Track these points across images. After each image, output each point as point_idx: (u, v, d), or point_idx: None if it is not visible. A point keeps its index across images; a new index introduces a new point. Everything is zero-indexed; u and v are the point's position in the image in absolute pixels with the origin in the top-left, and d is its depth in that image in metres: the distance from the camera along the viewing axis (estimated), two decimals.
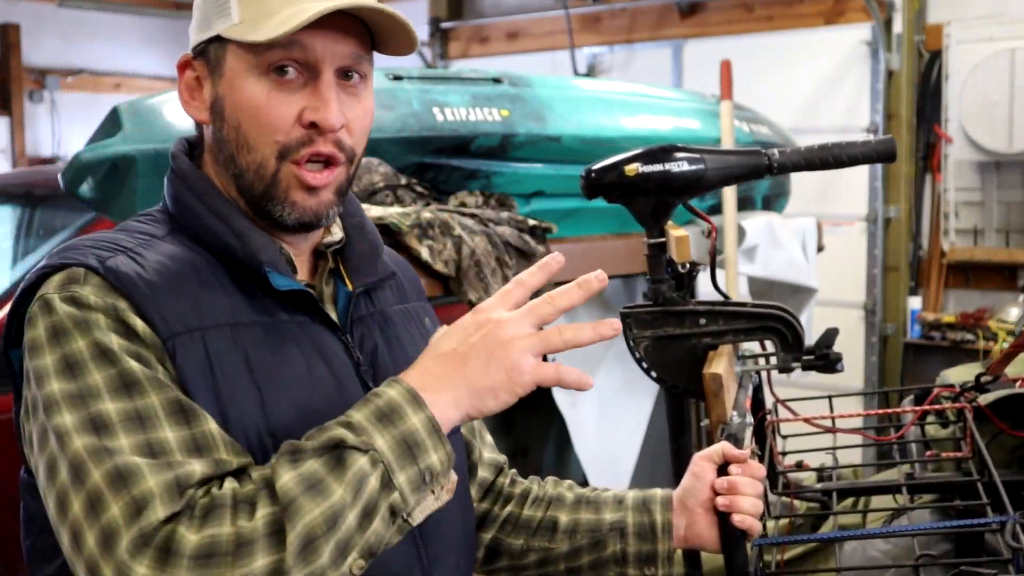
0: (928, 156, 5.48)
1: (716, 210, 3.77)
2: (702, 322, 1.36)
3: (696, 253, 1.70)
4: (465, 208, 2.85)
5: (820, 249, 4.27)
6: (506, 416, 3.39)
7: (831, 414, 1.78)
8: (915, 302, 5.50)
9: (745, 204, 3.95)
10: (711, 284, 1.40)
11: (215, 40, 1.16)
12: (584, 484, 1.49)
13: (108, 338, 1.03)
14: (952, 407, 1.78)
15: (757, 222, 3.82)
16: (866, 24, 5.47)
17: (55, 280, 1.08)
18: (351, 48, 1.15)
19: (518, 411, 3.41)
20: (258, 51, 1.12)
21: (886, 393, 2.35)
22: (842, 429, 1.79)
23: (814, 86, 5.66)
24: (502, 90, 3.18)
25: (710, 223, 1.36)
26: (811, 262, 4.09)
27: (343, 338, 1.20)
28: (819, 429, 1.73)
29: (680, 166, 1.30)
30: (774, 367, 1.39)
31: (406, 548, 1.16)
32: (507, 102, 3.12)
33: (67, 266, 1.08)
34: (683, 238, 1.37)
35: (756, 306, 1.36)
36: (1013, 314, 5.08)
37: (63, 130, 8.02)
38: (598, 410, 3.50)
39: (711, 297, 1.42)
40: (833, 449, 1.82)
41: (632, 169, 1.30)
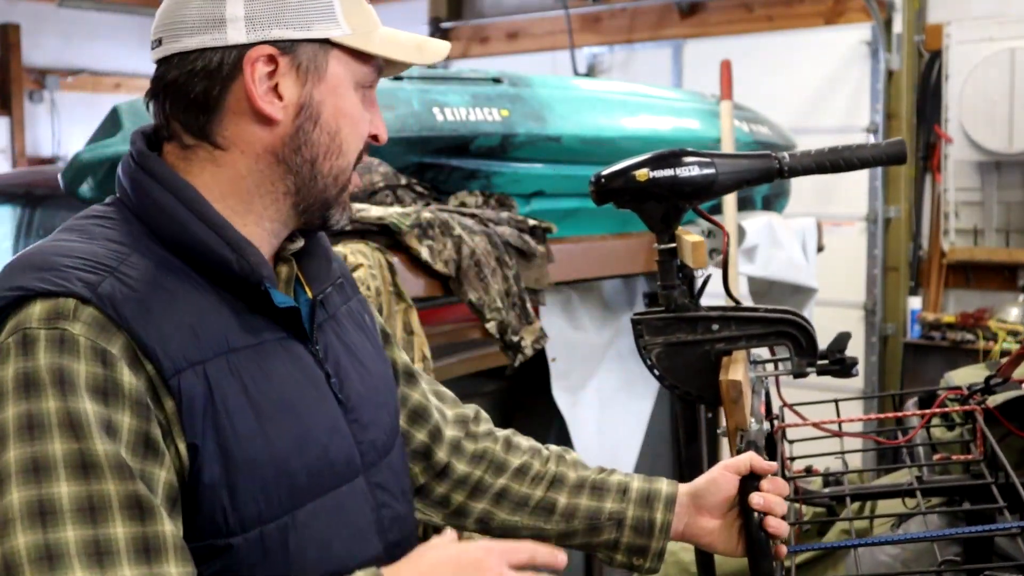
0: (928, 156, 5.47)
1: (716, 210, 3.75)
2: (715, 328, 1.35)
3: None
4: (465, 208, 2.84)
5: (820, 249, 4.26)
6: (506, 416, 3.37)
7: (838, 418, 1.77)
8: (915, 302, 5.49)
9: (745, 204, 3.93)
10: (723, 288, 1.39)
11: (309, 41, 1.14)
12: None
13: (82, 406, 0.96)
14: (961, 409, 1.77)
15: (757, 222, 3.81)
16: (866, 24, 5.46)
17: (39, 310, 0.98)
18: None
19: (518, 411, 3.40)
20: (366, 64, 1.19)
21: (892, 396, 2.34)
22: (849, 433, 1.78)
23: (814, 86, 5.64)
24: (502, 90, 3.16)
25: (723, 228, 1.35)
26: (811, 262, 4.08)
27: (312, 350, 1.18)
28: (827, 433, 1.72)
29: (690, 171, 1.29)
30: (789, 372, 1.38)
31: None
32: (507, 102, 3.11)
33: (53, 294, 0.99)
34: (699, 243, 1.34)
35: (769, 311, 1.35)
36: (1013, 314, 5.08)
37: (63, 130, 8.00)
38: (598, 410, 3.49)
39: (713, 301, 1.40)
40: (842, 453, 1.81)
41: (642, 174, 1.29)
